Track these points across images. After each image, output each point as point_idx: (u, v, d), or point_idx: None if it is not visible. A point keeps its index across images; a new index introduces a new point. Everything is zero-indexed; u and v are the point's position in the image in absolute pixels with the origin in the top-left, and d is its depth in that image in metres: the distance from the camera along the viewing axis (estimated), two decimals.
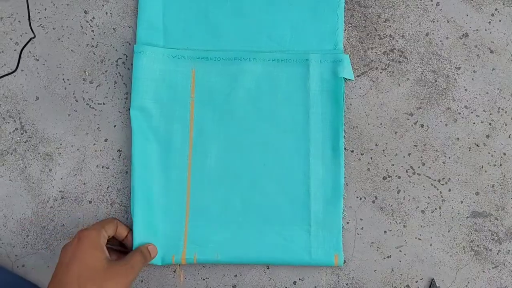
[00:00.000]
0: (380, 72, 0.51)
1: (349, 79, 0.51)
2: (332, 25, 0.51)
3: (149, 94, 0.50)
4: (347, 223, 0.50)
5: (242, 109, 0.50)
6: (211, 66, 0.50)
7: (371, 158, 0.50)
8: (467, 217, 0.50)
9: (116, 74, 0.51)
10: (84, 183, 0.50)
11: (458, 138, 0.51)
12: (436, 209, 0.50)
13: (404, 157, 0.51)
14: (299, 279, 0.49)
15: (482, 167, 0.50)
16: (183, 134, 0.50)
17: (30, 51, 0.51)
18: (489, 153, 0.51)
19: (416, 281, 0.49)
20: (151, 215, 0.48)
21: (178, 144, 0.50)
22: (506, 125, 0.51)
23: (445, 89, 0.51)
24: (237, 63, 0.50)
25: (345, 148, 0.51)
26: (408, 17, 0.52)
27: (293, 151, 0.50)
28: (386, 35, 0.52)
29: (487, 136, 0.51)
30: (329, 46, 0.51)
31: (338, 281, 0.49)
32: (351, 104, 0.51)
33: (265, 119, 0.50)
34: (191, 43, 0.51)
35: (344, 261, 0.49)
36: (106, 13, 0.52)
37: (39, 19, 0.52)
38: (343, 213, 0.49)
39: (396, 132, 0.51)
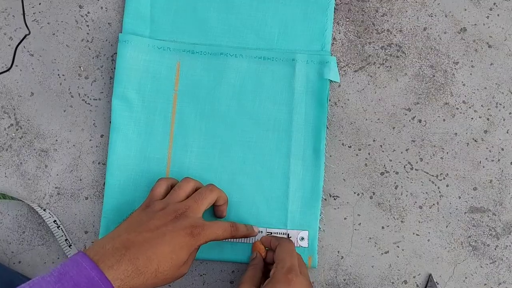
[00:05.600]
0: (378, 67, 0.51)
1: (335, 81, 0.50)
2: (320, 26, 0.51)
3: (132, 84, 0.49)
4: (345, 218, 0.50)
5: (225, 105, 0.50)
6: (196, 60, 0.50)
7: (369, 154, 0.50)
8: (465, 213, 0.50)
9: (111, 69, 0.51)
10: (80, 179, 0.50)
11: (456, 133, 0.51)
12: (434, 204, 0.50)
13: (402, 152, 0.50)
14: None
15: (480, 163, 0.50)
16: (164, 126, 0.49)
17: (24, 46, 0.51)
18: (487, 148, 0.51)
19: (414, 277, 0.49)
20: (125, 207, 0.48)
21: (159, 136, 0.49)
22: (504, 120, 0.51)
23: (443, 84, 0.51)
24: (223, 58, 0.50)
25: (342, 144, 0.50)
26: (406, 11, 0.52)
27: (274, 150, 0.49)
28: (384, 30, 0.51)
29: (485, 131, 0.51)
30: (317, 47, 0.51)
31: (336, 276, 0.49)
32: (348, 100, 0.51)
33: (247, 116, 0.50)
34: (177, 35, 0.51)
35: (318, 263, 0.49)
36: (101, 7, 0.51)
37: (34, 13, 0.51)
38: (320, 215, 0.49)
39: (394, 128, 0.51)
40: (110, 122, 0.50)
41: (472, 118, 0.51)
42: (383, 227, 0.50)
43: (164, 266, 0.39)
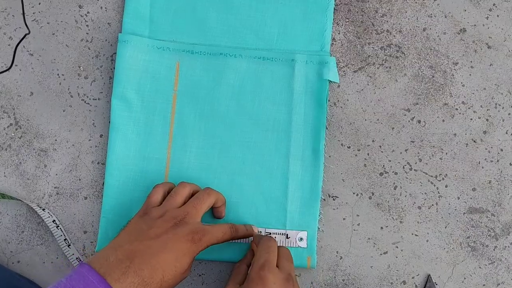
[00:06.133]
0: (377, 68, 0.51)
1: (334, 82, 0.50)
2: (320, 26, 0.51)
3: (132, 84, 0.49)
4: (343, 219, 0.50)
5: (224, 105, 0.50)
6: (196, 60, 0.50)
7: (368, 154, 0.50)
8: (464, 213, 0.50)
9: (111, 69, 0.51)
10: (80, 179, 0.50)
11: (455, 134, 0.51)
12: (432, 205, 0.50)
13: (401, 153, 0.50)
14: (296, 275, 0.49)
15: (479, 163, 0.50)
16: (163, 127, 0.49)
17: (24, 46, 0.51)
18: (486, 149, 0.51)
19: (413, 277, 0.49)
20: (124, 207, 0.48)
21: (158, 136, 0.49)
22: (503, 120, 0.51)
23: (442, 84, 0.51)
24: (222, 58, 0.50)
25: (341, 144, 0.50)
26: (406, 12, 0.52)
27: (273, 150, 0.49)
28: (383, 30, 0.51)
29: (484, 132, 0.51)
30: (316, 47, 0.51)
31: (335, 277, 0.49)
32: (348, 100, 0.51)
33: (247, 117, 0.50)
34: (177, 35, 0.51)
35: (317, 264, 0.49)
36: (101, 7, 0.52)
37: (33, 13, 0.51)
38: (319, 215, 0.49)
39: (393, 128, 0.51)
40: (109, 122, 0.50)
41: (471, 119, 0.51)
42: (382, 228, 0.50)
43: (169, 275, 0.39)
